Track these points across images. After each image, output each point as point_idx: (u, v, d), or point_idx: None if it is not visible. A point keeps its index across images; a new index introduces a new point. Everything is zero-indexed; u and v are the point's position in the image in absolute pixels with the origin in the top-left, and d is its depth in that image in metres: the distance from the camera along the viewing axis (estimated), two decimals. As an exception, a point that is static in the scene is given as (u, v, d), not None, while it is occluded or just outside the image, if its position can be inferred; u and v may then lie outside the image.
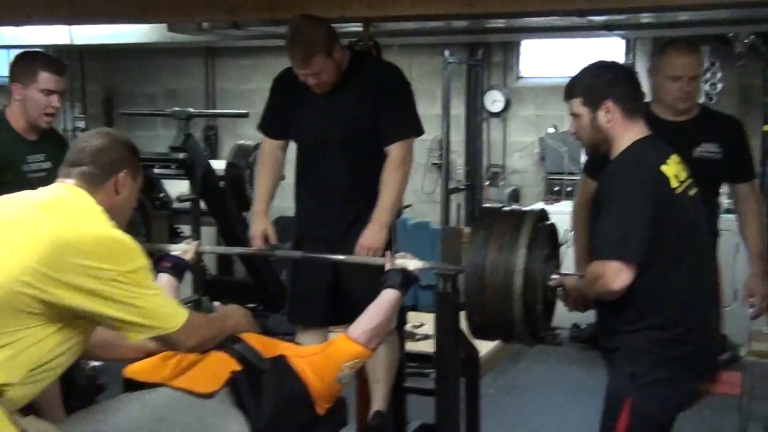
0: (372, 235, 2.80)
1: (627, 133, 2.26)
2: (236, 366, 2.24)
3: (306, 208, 3.02)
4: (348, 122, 2.86)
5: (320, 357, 2.49)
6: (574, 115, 2.33)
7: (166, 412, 2.12)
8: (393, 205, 2.86)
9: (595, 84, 2.29)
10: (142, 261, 1.85)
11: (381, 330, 2.50)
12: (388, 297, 2.52)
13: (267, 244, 2.96)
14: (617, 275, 2.14)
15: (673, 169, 2.26)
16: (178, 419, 2.10)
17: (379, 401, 2.89)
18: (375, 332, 2.47)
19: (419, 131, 2.92)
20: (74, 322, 1.80)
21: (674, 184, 2.24)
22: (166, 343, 1.95)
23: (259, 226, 2.97)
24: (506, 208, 2.47)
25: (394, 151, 2.85)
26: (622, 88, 2.28)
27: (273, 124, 3.02)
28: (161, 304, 1.88)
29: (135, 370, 2.29)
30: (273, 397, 2.30)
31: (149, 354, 2.27)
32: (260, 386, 2.26)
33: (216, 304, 2.76)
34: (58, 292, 1.72)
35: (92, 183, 1.89)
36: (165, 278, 2.73)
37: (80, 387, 3.69)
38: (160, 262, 2.75)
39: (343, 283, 2.98)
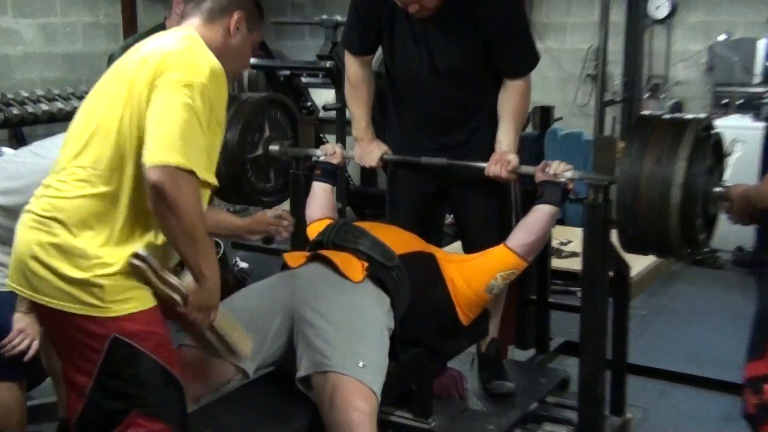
0: (506, 153, 2.70)
1: None
2: (365, 263, 2.32)
3: (408, 128, 2.90)
4: (452, 56, 2.67)
5: (473, 264, 2.55)
6: None
7: (316, 285, 2.24)
8: (518, 133, 2.76)
9: None
10: (222, 94, 1.82)
11: (537, 245, 2.54)
12: (547, 211, 2.52)
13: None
14: None
15: None
16: (326, 293, 2.22)
17: (492, 329, 2.90)
18: (532, 247, 2.52)
19: (537, 61, 2.76)
20: None
21: None
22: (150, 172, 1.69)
23: (376, 151, 2.89)
24: (666, 116, 2.34)
25: (515, 86, 2.72)
26: None
27: (361, 41, 2.85)
28: (191, 137, 1.70)
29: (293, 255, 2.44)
30: (409, 294, 2.36)
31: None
32: (396, 280, 2.31)
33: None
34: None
35: (209, 18, 1.93)
36: (319, 186, 2.83)
37: (228, 288, 3.91)
38: (311, 172, 2.86)
39: (453, 201, 2.95)
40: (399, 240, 2.49)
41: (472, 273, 2.52)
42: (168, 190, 1.67)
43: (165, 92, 1.74)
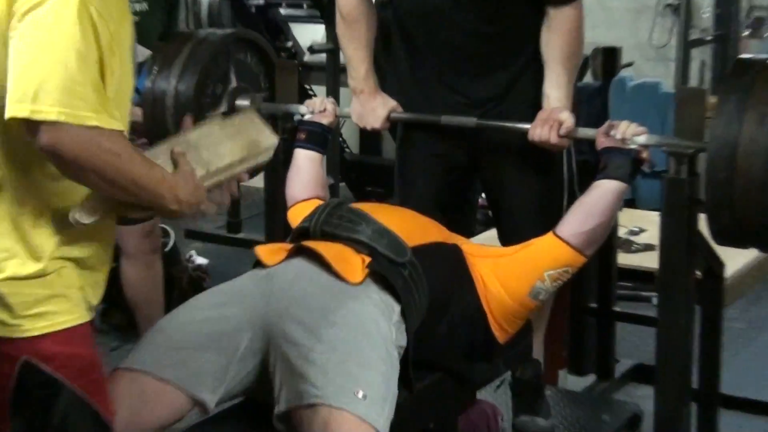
0: (557, 110, 2.69)
1: None
2: (366, 258, 2.31)
3: (424, 77, 2.91)
4: None
5: (512, 259, 2.54)
6: None
7: (300, 289, 2.24)
8: (571, 84, 2.76)
9: None
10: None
11: (599, 234, 2.53)
12: (612, 188, 2.52)
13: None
14: None
15: None
16: (314, 299, 2.22)
17: (534, 348, 2.90)
18: (592, 236, 2.51)
19: None
20: None
21: None
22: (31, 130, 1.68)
23: (381, 108, 2.90)
24: (775, 60, 2.34)
25: (562, 17, 2.71)
26: None
27: None
28: (71, 74, 1.66)
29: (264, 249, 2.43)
30: (426, 299, 2.36)
31: None
32: (408, 282, 2.32)
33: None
34: None
35: None
36: (303, 155, 2.84)
37: (181, 291, 3.94)
38: (294, 136, 2.86)
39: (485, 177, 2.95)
40: (412, 227, 2.48)
41: (510, 272, 2.52)
42: (63, 153, 1.66)
43: (30, 16, 1.68)
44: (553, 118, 2.66)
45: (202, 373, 2.16)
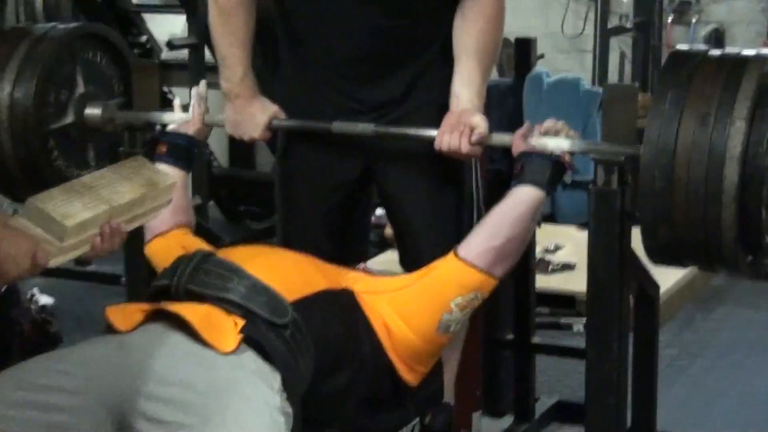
0: (468, 113, 2.71)
1: None
2: (239, 320, 2.28)
3: (312, 78, 2.91)
4: None
5: (412, 291, 2.53)
6: None
7: (160, 361, 2.19)
8: (485, 83, 2.79)
9: None
10: None
11: (511, 250, 2.54)
12: (528, 197, 2.52)
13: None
14: None
15: None
16: (179, 371, 2.17)
17: (445, 389, 2.91)
18: (501, 253, 2.51)
19: None
20: None
21: None
22: None
23: (260, 114, 2.88)
24: (714, 53, 2.38)
25: (482, 4, 2.73)
26: None
27: None
28: None
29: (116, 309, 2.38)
30: (313, 361, 2.33)
31: None
32: (290, 346, 2.29)
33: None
34: None
35: None
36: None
37: (23, 338, 3.83)
38: (154, 147, 2.82)
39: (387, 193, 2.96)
40: (293, 276, 2.45)
41: (412, 307, 2.51)
42: None
43: None
44: (464, 122, 2.65)
45: None
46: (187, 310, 2.25)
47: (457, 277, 2.51)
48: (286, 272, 2.46)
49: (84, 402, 2.14)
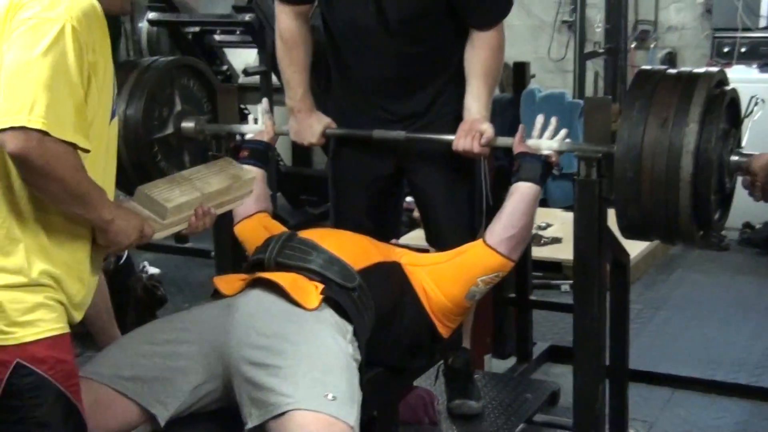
0: (478, 121, 2.67)
1: None
2: (319, 285, 2.27)
3: (355, 96, 2.87)
4: (405, 2, 2.63)
5: (447, 267, 2.50)
6: None
7: (260, 318, 2.18)
8: (491, 97, 2.76)
9: None
10: (99, 32, 1.79)
11: (523, 237, 2.51)
12: (528, 192, 2.50)
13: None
14: None
15: None
16: (274, 325, 2.16)
17: (463, 338, 2.89)
18: (517, 240, 2.48)
19: (510, 6, 2.75)
20: None
21: None
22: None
23: (317, 125, 2.86)
24: (672, 71, 2.36)
25: (487, 37, 2.70)
26: None
27: None
28: (54, 91, 1.67)
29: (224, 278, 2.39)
30: (374, 317, 2.32)
31: None
32: (358, 305, 2.27)
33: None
34: None
35: None
36: None
37: (137, 300, 3.84)
38: (237, 153, 2.80)
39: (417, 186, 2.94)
40: (357, 251, 2.43)
41: (447, 279, 2.48)
42: (34, 159, 1.66)
43: (20, 36, 1.69)
44: (475, 129, 2.63)
45: (157, 392, 2.10)
46: (279, 277, 2.25)
47: (485, 260, 2.47)
48: (352, 248, 2.44)
49: (199, 350, 2.15)
